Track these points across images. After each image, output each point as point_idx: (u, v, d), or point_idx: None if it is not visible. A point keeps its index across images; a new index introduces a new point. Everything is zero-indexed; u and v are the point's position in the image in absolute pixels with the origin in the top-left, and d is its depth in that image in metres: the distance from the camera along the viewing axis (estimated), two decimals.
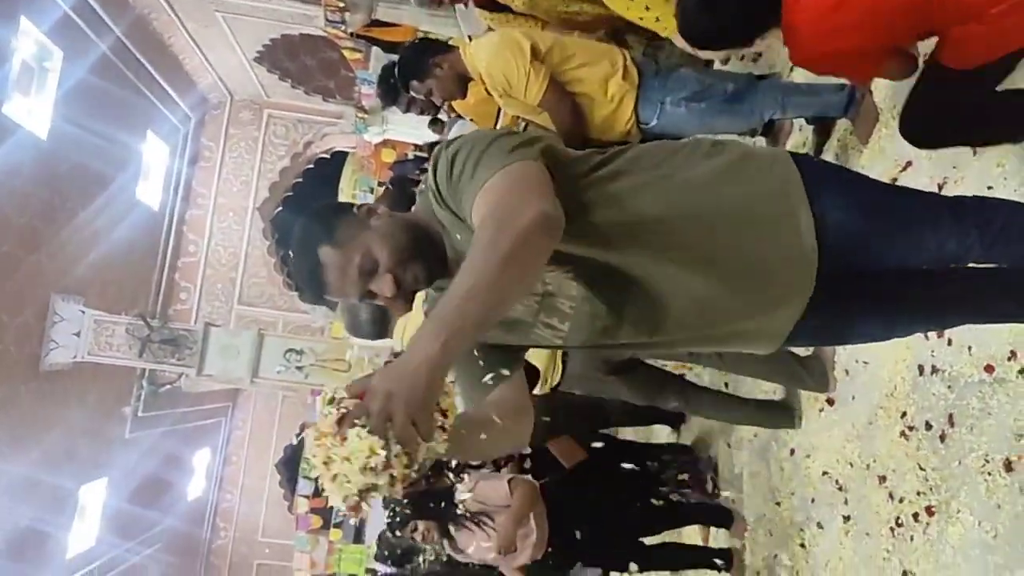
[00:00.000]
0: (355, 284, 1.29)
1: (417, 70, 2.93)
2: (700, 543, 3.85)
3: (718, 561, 3.52)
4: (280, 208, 12.33)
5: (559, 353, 3.06)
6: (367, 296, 1.32)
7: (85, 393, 8.90)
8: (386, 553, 4.55)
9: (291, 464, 12.79)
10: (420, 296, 2.66)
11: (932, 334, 2.31)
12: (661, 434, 4.68)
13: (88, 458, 9.13)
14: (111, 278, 9.39)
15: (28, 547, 8.05)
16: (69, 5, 7.93)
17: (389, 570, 5.40)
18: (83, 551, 9.58)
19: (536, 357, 3.06)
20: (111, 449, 9.74)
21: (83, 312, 8.48)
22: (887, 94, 2.71)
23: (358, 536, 11.91)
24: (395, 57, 9.97)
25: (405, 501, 4.00)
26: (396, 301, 1.32)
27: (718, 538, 3.68)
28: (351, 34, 9.28)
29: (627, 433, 5.06)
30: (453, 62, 2.91)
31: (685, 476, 3.83)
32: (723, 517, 3.60)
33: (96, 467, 9.51)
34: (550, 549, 3.28)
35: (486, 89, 2.93)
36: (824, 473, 2.85)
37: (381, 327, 2.96)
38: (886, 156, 2.72)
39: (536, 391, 3.28)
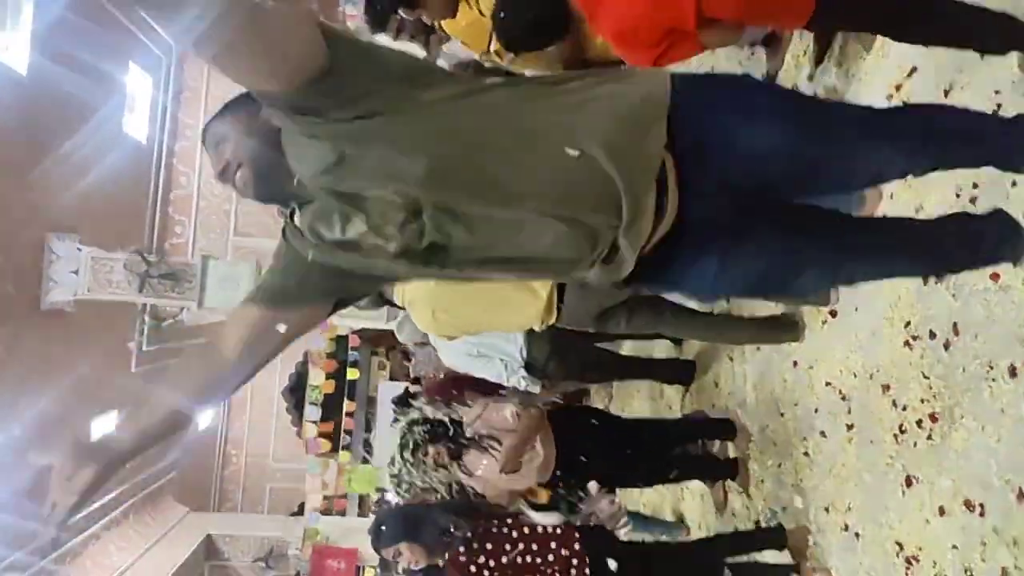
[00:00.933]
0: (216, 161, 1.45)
1: None
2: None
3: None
4: None
5: (553, 293, 3.06)
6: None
7: (88, 331, 8.94)
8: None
9: (297, 390, 12.98)
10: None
11: None
12: (662, 350, 4.74)
13: (97, 394, 9.24)
14: (104, 214, 9.30)
15: (47, 480, 8.23)
16: None
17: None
18: None
19: (529, 297, 3.06)
20: (119, 384, 9.85)
21: (79, 250, 8.43)
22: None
23: (366, 458, 12.20)
24: None
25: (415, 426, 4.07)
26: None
27: (723, 448, 3.76)
28: None
29: (627, 348, 5.12)
30: None
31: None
32: (726, 429, 3.67)
33: (105, 402, 9.64)
34: (558, 472, 3.33)
35: (478, 9, 2.84)
36: (827, 384, 2.89)
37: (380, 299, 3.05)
38: (890, 63, 2.66)
39: (536, 328, 3.31)
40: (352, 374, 11.56)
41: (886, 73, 2.64)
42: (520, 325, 3.35)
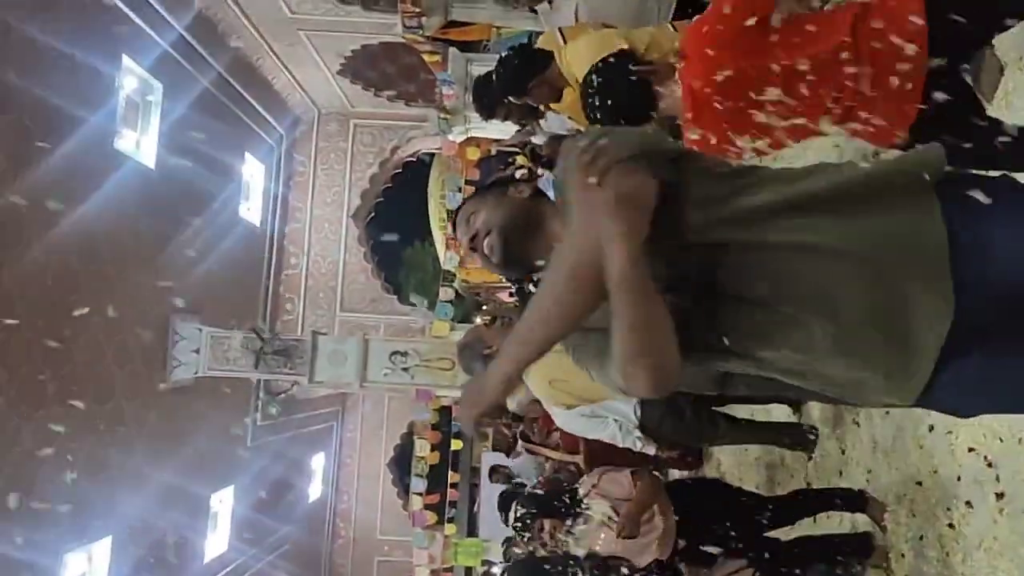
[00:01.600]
0: (463, 237, 1.52)
1: (513, 89, 2.95)
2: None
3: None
4: (372, 214, 12.63)
5: None
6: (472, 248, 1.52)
7: (208, 406, 9.35)
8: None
9: (402, 462, 13.13)
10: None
11: None
12: (780, 414, 4.57)
13: (215, 467, 9.60)
14: (222, 295, 9.82)
15: (169, 554, 8.54)
16: (167, 40, 8.32)
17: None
18: (217, 555, 10.11)
19: None
20: (235, 458, 10.21)
21: (200, 330, 8.90)
22: (1012, 43, 2.55)
23: (472, 530, 12.13)
24: (476, 56, 9.97)
25: (529, 501, 4.05)
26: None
27: (855, 523, 3.56)
28: (428, 37, 9.40)
29: (741, 411, 4.96)
30: (548, 77, 2.91)
31: None
32: (855, 501, 3.47)
33: (223, 475, 10.00)
34: (681, 545, 3.23)
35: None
36: (970, 449, 2.72)
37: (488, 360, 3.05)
38: (1014, 110, 2.57)
39: None
40: (456, 444, 11.62)
41: (1010, 122, 2.55)
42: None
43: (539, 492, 4.77)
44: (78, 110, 6.91)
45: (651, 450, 4.01)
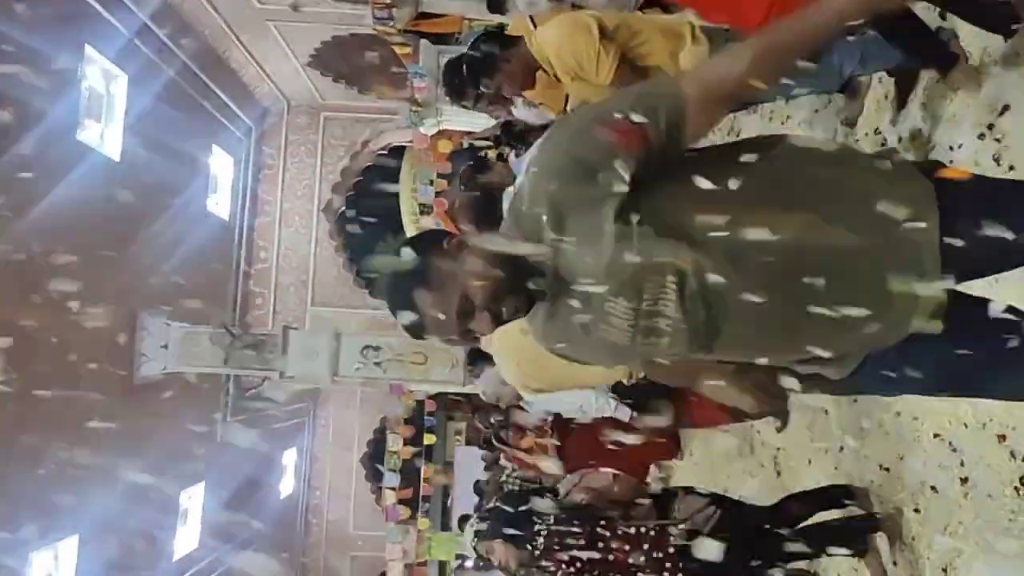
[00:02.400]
0: (453, 325, 1.29)
1: (484, 68, 2.93)
2: None
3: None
4: (343, 209, 12.54)
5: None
6: (467, 334, 1.33)
7: (177, 403, 9.23)
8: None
9: (375, 458, 13.07)
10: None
11: None
12: None
13: (184, 465, 9.48)
14: (191, 290, 9.69)
15: (139, 550, 8.43)
16: (131, 30, 8.17)
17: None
18: (187, 552, 10.00)
19: None
20: (205, 455, 10.09)
21: (168, 325, 8.78)
22: (975, 36, 2.59)
23: (445, 524, 12.12)
24: (447, 49, 9.92)
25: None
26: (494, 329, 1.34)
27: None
28: (399, 29, 9.34)
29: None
30: (519, 54, 2.90)
31: None
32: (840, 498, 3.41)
33: (193, 472, 9.88)
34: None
35: (553, 75, 2.91)
36: (935, 435, 2.76)
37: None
38: (978, 102, 2.60)
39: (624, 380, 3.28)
40: (429, 439, 11.60)
41: (976, 112, 2.58)
42: (606, 377, 3.32)
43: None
44: (39, 101, 6.77)
45: (624, 416, 3.98)
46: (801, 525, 3.24)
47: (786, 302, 1.25)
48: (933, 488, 2.79)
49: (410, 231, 12.19)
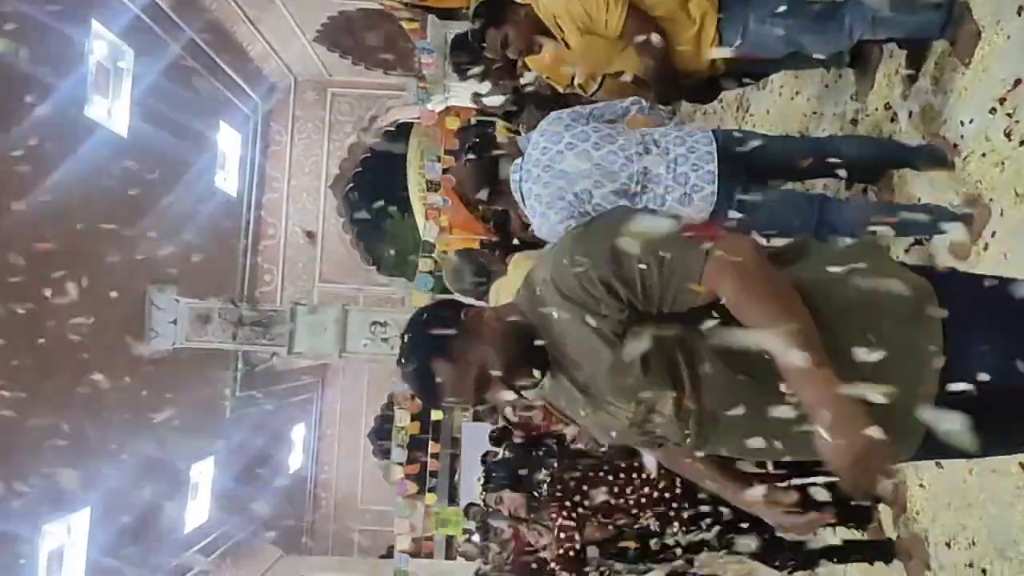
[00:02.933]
0: (471, 395, 1.39)
1: (495, 15, 2.90)
2: None
3: None
4: (352, 184, 12.53)
5: None
6: (482, 402, 1.46)
7: (186, 377, 9.29)
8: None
9: (382, 433, 13.15)
10: (515, 262, 2.64)
11: None
12: None
13: (195, 439, 9.56)
14: (199, 266, 9.71)
15: (149, 523, 8.54)
16: (138, 5, 8.13)
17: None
18: (197, 526, 10.12)
19: None
20: (214, 429, 10.18)
21: (178, 301, 8.82)
22: (988, 9, 2.55)
23: (452, 499, 12.21)
24: (454, 24, 9.84)
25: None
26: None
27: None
28: (407, 4, 9.26)
29: None
30: (525, 15, 2.88)
31: None
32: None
33: (202, 447, 9.97)
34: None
35: (562, 38, 2.88)
36: None
37: (482, 286, 3.04)
38: (991, 76, 2.57)
39: None
40: (436, 415, 11.64)
41: (988, 86, 2.56)
42: None
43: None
44: (47, 76, 6.76)
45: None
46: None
47: (778, 424, 1.29)
48: (938, 464, 2.79)
49: (417, 208, 12.16)
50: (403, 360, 1.40)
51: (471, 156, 2.78)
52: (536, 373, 1.37)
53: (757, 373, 1.27)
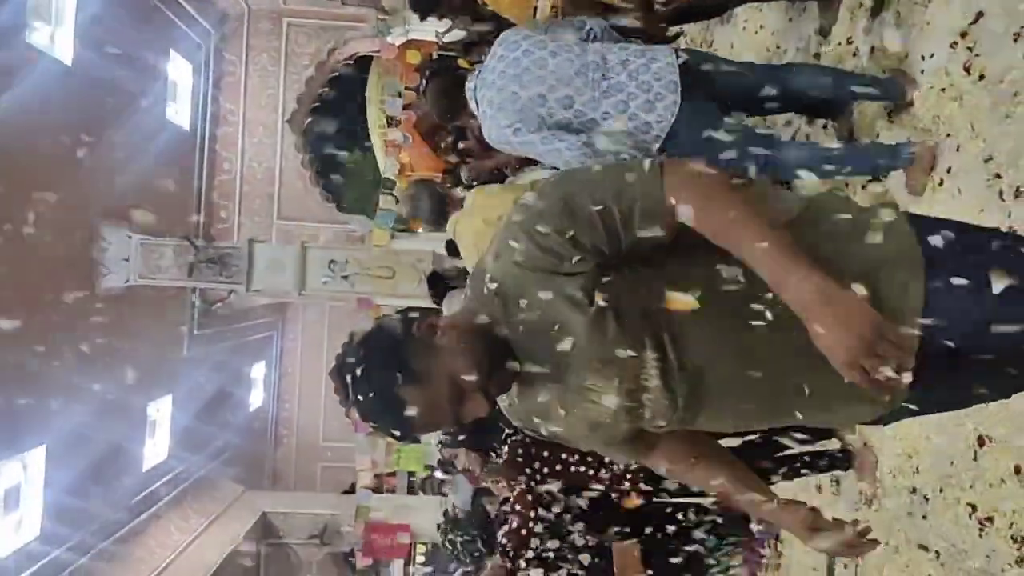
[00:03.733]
0: (448, 415, 1.24)
1: None
2: None
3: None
4: (310, 120, 12.22)
5: None
6: (462, 419, 1.27)
7: (141, 316, 9.14)
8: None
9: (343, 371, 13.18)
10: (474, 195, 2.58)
11: None
12: None
13: (151, 377, 9.46)
14: (152, 201, 9.46)
15: (107, 462, 8.48)
16: None
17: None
18: (157, 463, 10.09)
19: None
20: (172, 367, 10.08)
21: (129, 237, 8.61)
22: None
23: (414, 437, 12.33)
24: None
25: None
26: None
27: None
28: None
29: None
30: None
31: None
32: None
33: (160, 385, 9.88)
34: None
35: None
36: None
37: (440, 216, 3.00)
38: (953, 9, 2.56)
39: None
40: None
41: (949, 20, 2.54)
42: None
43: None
44: None
45: None
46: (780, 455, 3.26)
47: (774, 378, 1.22)
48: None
49: (377, 144, 11.93)
50: (359, 397, 1.22)
51: (432, 77, 2.74)
52: (513, 365, 1.24)
53: (739, 308, 1.18)
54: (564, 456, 3.09)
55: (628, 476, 3.04)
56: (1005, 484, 2.23)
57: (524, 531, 2.98)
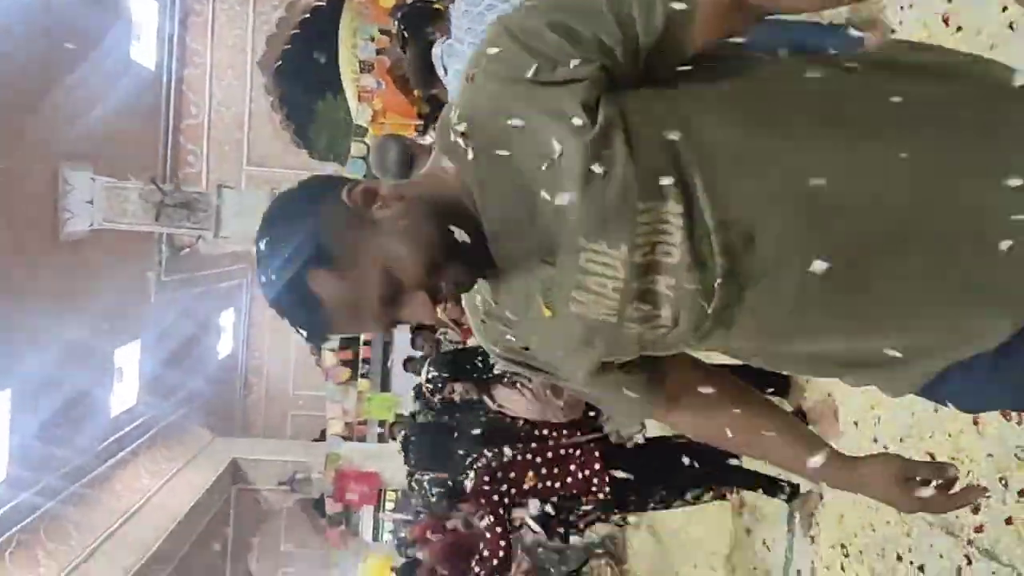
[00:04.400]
0: (376, 318, 0.90)
1: None
2: None
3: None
4: (280, 63, 11.93)
5: None
6: (393, 326, 0.94)
7: (107, 260, 8.98)
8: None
9: None
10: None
11: None
12: None
13: (118, 323, 9.34)
14: (117, 144, 9.23)
15: (74, 407, 8.41)
16: None
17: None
18: (125, 410, 10.04)
19: None
20: (139, 313, 9.96)
21: (93, 180, 8.40)
22: None
23: (385, 385, 12.38)
24: None
25: (441, 363, 4.06)
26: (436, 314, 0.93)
27: None
28: None
29: None
30: None
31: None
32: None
33: (127, 331, 9.76)
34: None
35: None
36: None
37: (407, 170, 2.91)
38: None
39: None
40: None
41: None
42: None
43: (451, 353, 4.81)
44: None
45: None
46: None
47: (850, 263, 0.84)
48: None
49: (350, 89, 11.69)
50: (262, 278, 0.90)
51: (407, 43, 2.69)
52: (460, 273, 0.91)
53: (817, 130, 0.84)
54: (531, 473, 3.09)
55: (595, 480, 3.08)
56: (963, 435, 2.27)
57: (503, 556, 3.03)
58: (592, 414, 3.99)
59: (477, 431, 3.77)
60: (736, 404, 1.07)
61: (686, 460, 3.08)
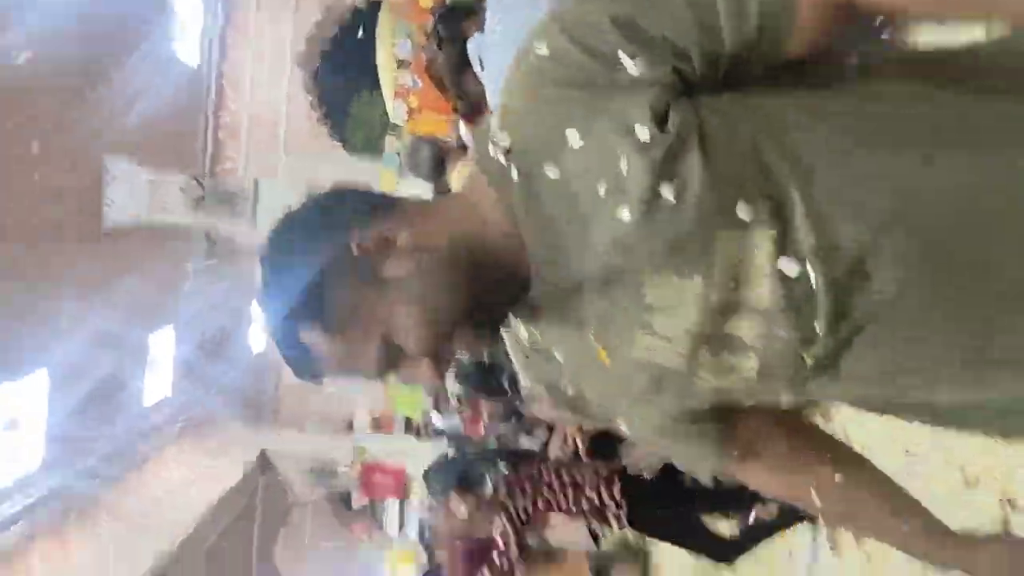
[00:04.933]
0: (371, 377, 0.81)
1: None
2: None
3: None
4: (319, 63, 12.09)
5: None
6: (386, 380, 0.87)
7: (146, 250, 9.17)
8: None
9: None
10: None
11: None
12: None
13: (156, 311, 9.54)
14: (159, 137, 9.43)
15: (108, 393, 8.60)
16: None
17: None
18: (159, 398, 10.24)
19: None
20: (176, 302, 10.16)
21: (137, 173, 8.60)
22: None
23: None
24: None
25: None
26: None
27: None
28: None
29: None
30: None
31: None
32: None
33: (163, 319, 9.96)
34: None
35: None
36: None
37: (438, 173, 2.96)
38: None
39: None
40: None
41: None
42: None
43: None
44: None
45: None
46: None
47: (979, 300, 0.70)
48: None
49: (387, 88, 11.80)
50: (260, 302, 0.81)
51: (440, 47, 2.72)
52: (482, 332, 0.79)
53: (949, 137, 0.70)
54: (545, 491, 3.10)
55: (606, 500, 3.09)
56: None
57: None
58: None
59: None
60: (822, 460, 0.91)
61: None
